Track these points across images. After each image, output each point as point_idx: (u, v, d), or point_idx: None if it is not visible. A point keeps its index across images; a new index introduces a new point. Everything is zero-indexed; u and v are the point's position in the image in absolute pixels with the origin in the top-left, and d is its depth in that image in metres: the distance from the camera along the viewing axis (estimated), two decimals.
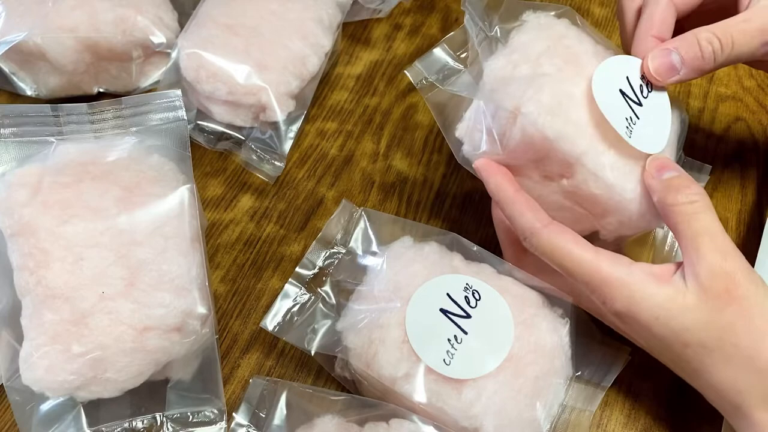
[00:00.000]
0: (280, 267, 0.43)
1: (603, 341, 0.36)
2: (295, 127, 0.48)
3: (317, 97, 0.51)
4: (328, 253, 0.39)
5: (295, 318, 0.37)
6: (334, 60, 0.54)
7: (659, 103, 0.36)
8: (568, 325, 0.35)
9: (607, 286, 0.32)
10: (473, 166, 0.37)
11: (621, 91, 0.35)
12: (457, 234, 0.39)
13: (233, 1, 0.49)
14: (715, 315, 0.31)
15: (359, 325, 0.35)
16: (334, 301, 0.38)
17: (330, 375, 0.38)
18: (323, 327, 0.37)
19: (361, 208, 0.40)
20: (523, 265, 0.37)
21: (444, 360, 0.33)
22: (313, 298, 0.38)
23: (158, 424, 0.35)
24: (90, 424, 0.34)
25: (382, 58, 0.55)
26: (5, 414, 0.37)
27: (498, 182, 0.35)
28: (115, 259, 0.33)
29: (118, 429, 0.35)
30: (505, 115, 0.34)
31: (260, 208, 0.46)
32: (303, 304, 0.37)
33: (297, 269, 0.38)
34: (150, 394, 0.35)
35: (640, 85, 0.36)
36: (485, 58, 0.37)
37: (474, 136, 0.36)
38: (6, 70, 0.48)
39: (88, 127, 0.37)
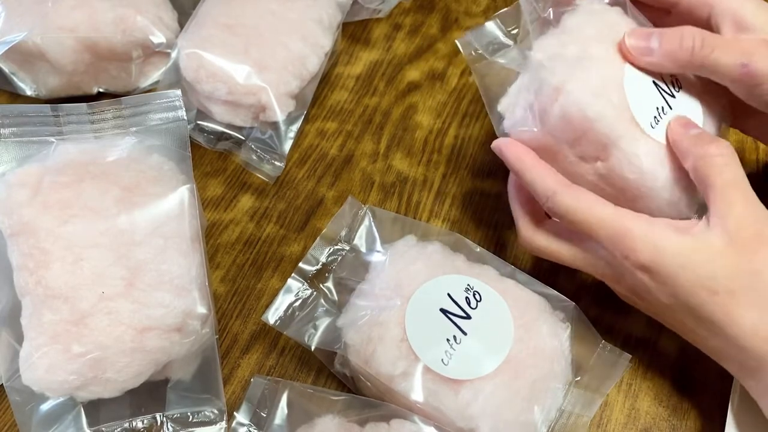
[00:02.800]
0: (280, 267, 0.43)
1: (604, 346, 0.36)
2: (295, 127, 0.48)
3: (317, 97, 0.51)
4: (331, 250, 0.39)
5: (297, 313, 0.37)
6: (333, 60, 0.54)
7: (691, 98, 0.37)
8: (568, 330, 0.35)
9: (631, 238, 0.32)
10: (491, 146, 0.37)
11: (654, 82, 0.36)
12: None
13: (233, 1, 0.49)
14: (744, 261, 0.31)
15: (359, 322, 0.35)
16: (335, 297, 0.38)
17: (330, 375, 0.38)
18: (324, 323, 0.37)
19: (367, 205, 0.40)
20: (538, 237, 0.37)
21: (442, 360, 0.33)
22: (315, 293, 0.38)
23: (158, 424, 0.35)
24: (90, 424, 0.34)
25: (382, 58, 0.55)
26: (5, 414, 0.37)
27: (518, 153, 0.36)
28: (115, 259, 0.33)
29: (118, 429, 0.35)
30: (548, 91, 0.35)
31: (260, 208, 0.46)
32: (305, 300, 0.37)
33: (300, 264, 0.38)
34: (150, 394, 0.35)
35: (672, 81, 0.37)
36: (536, 37, 0.37)
37: (515, 112, 0.37)
38: (6, 70, 0.48)
39: (88, 127, 0.37)
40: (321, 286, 0.38)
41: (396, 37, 0.56)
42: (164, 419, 0.35)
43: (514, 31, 0.40)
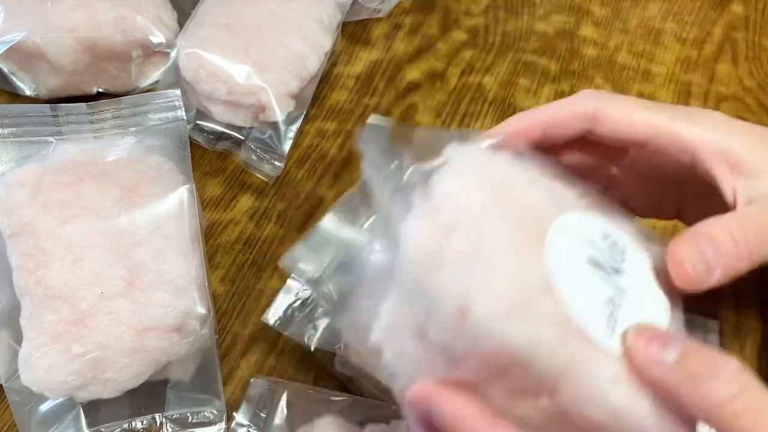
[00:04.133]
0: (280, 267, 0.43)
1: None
2: (294, 127, 0.48)
3: (317, 96, 0.51)
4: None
5: (296, 313, 0.37)
6: (333, 60, 0.53)
7: (640, 265, 0.26)
8: None
9: None
10: (406, 400, 0.24)
11: (593, 259, 0.25)
12: None
13: (233, 1, 0.49)
14: None
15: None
16: (335, 296, 0.38)
17: (330, 376, 0.38)
18: (324, 323, 0.36)
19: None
20: None
21: None
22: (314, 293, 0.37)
23: (158, 424, 0.35)
24: (89, 425, 0.34)
25: (382, 58, 0.55)
26: (4, 414, 0.37)
27: (459, 409, 0.23)
28: (115, 260, 0.33)
29: (118, 429, 0.35)
30: (446, 315, 0.23)
31: (260, 208, 0.46)
32: (304, 300, 0.37)
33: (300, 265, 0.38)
34: (149, 394, 0.35)
35: (613, 242, 0.26)
36: (400, 220, 0.25)
37: (400, 345, 0.25)
38: (5, 70, 0.48)
39: (87, 127, 0.37)
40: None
41: (396, 37, 0.56)
42: (164, 420, 0.35)
43: (367, 223, 0.30)
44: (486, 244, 0.23)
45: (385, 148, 0.27)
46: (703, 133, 0.29)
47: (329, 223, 0.30)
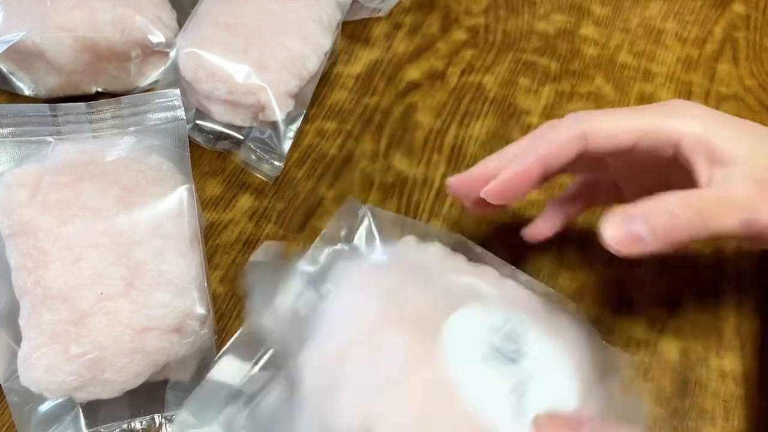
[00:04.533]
0: None
1: (605, 347, 0.36)
2: (294, 127, 0.48)
3: (316, 96, 0.51)
4: (331, 250, 0.39)
5: None
6: (333, 59, 0.53)
7: (546, 344, 0.26)
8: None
9: None
10: None
11: (491, 351, 0.25)
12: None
13: (232, 1, 0.48)
14: None
15: None
16: None
17: None
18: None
19: (366, 205, 0.40)
20: None
21: None
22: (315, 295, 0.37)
23: (157, 425, 0.35)
24: (89, 425, 0.34)
25: (382, 58, 0.54)
26: (3, 415, 0.37)
27: None
28: (115, 260, 0.33)
29: (117, 430, 0.35)
30: None
31: (259, 208, 0.46)
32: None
33: (299, 265, 0.38)
34: (149, 394, 0.35)
35: (512, 328, 0.26)
36: (295, 354, 0.25)
37: None
38: (4, 69, 0.48)
39: (86, 126, 0.37)
40: (320, 288, 0.38)
41: (396, 37, 0.56)
42: (163, 420, 0.35)
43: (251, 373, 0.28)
44: (380, 360, 0.23)
45: (273, 281, 0.27)
46: (683, 126, 0.31)
47: (222, 371, 0.28)
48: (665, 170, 0.34)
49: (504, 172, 0.33)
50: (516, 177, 0.32)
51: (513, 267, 0.38)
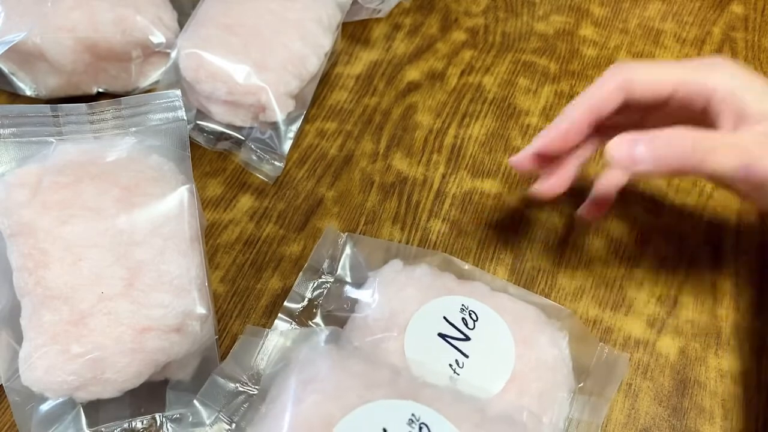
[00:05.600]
0: (280, 267, 0.43)
1: (602, 349, 0.36)
2: (294, 127, 0.48)
3: (317, 97, 0.51)
4: (316, 284, 0.39)
5: None
6: (333, 60, 0.54)
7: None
8: (567, 338, 0.35)
9: None
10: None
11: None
12: (456, 236, 0.38)
13: (232, 1, 0.49)
14: None
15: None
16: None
17: None
18: None
19: (346, 233, 0.40)
20: None
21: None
22: None
23: (158, 424, 0.35)
24: (89, 425, 0.34)
25: (382, 58, 0.55)
26: (5, 414, 0.37)
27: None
28: (115, 260, 0.33)
29: (118, 429, 0.35)
30: None
31: (260, 208, 0.46)
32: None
33: (285, 303, 0.38)
34: (149, 394, 0.35)
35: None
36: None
37: None
38: (5, 70, 0.48)
39: (87, 127, 0.37)
40: (310, 323, 0.37)
41: (396, 37, 0.56)
42: (164, 420, 0.35)
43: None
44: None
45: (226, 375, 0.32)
46: (718, 81, 0.33)
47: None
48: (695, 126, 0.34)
49: (556, 123, 0.36)
50: (568, 128, 0.35)
51: (503, 280, 0.37)
